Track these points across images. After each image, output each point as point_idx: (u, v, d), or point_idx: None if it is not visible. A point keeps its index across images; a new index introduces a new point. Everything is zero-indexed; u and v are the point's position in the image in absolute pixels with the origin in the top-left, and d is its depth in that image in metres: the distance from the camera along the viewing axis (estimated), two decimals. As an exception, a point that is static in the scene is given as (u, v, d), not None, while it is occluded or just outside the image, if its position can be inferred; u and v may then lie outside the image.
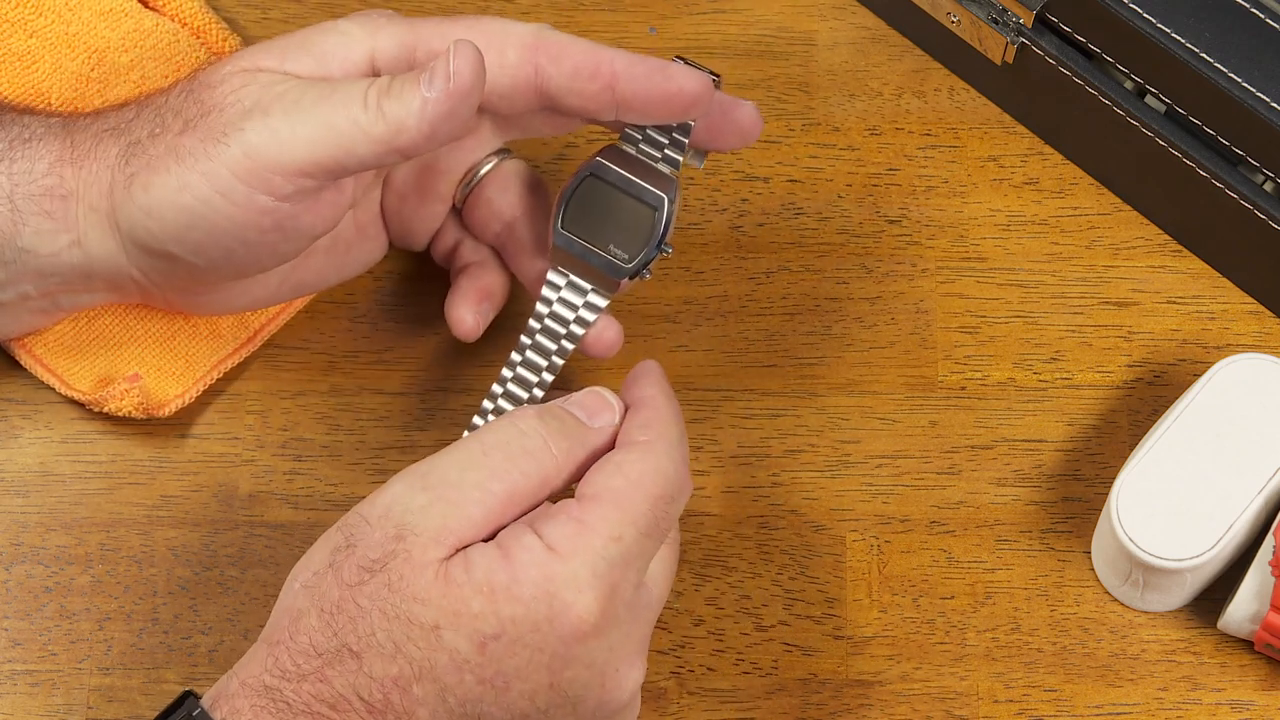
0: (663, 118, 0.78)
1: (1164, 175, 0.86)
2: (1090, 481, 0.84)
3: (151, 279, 0.79)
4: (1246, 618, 0.79)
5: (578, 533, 0.70)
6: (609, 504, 0.71)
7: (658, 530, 0.72)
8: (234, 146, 0.74)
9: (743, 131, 0.79)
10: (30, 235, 0.78)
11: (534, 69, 0.77)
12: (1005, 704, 0.81)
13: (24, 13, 0.89)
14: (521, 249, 0.82)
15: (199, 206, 0.75)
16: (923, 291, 0.87)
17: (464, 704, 0.69)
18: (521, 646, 0.69)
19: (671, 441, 0.73)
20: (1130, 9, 0.82)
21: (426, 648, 0.69)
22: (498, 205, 0.82)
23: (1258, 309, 0.87)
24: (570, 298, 0.78)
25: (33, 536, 0.83)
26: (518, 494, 0.71)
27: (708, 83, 0.77)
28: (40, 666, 0.81)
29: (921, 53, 0.92)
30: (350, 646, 0.69)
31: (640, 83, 0.77)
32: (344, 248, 0.82)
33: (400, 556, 0.70)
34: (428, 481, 0.71)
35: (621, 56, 0.77)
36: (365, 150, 0.74)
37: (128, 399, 0.82)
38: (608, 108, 0.77)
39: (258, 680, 0.70)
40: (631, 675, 0.72)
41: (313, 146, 0.74)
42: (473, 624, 0.69)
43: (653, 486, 0.72)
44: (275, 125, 0.74)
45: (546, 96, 0.78)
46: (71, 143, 0.78)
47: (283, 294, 0.82)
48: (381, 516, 0.71)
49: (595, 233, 0.78)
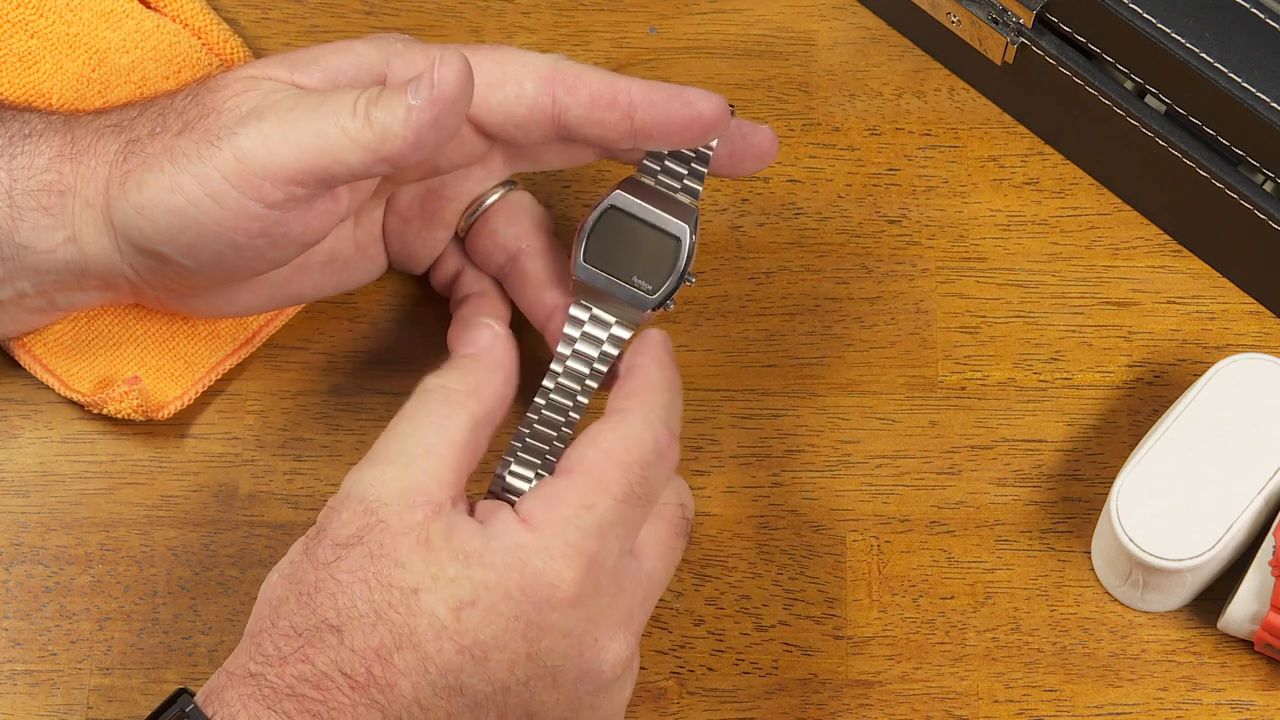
0: (682, 143, 0.78)
1: (1164, 175, 0.86)
2: (1090, 481, 0.84)
3: (144, 278, 0.79)
4: (1246, 618, 0.79)
5: (548, 504, 0.71)
6: (580, 474, 0.72)
7: (636, 497, 0.72)
8: (226, 150, 0.74)
9: (762, 154, 0.80)
10: (28, 231, 0.78)
11: (551, 99, 0.77)
12: (1005, 704, 0.81)
13: (25, 14, 0.89)
14: (526, 282, 0.82)
15: (189, 209, 0.75)
16: (923, 291, 0.87)
17: (445, 674, 0.70)
18: (496, 614, 0.70)
19: (651, 408, 0.74)
20: (1130, 9, 0.82)
21: (406, 612, 0.69)
22: (503, 237, 0.82)
23: (1258, 309, 0.87)
24: (594, 332, 0.78)
25: (33, 536, 0.83)
26: (456, 439, 0.73)
27: (724, 105, 0.77)
28: (40, 666, 0.81)
29: (921, 53, 0.92)
30: (330, 622, 0.70)
31: (659, 109, 0.77)
32: (342, 264, 0.82)
33: (378, 528, 0.71)
34: (371, 459, 0.73)
35: (638, 85, 0.77)
36: (353, 158, 0.74)
37: (127, 401, 0.82)
38: (625, 136, 0.78)
39: (243, 669, 0.70)
40: (612, 647, 0.72)
41: (302, 153, 0.74)
42: (449, 589, 0.70)
43: (624, 454, 0.72)
44: (267, 131, 0.74)
45: (564, 127, 0.78)
46: (72, 139, 0.78)
47: (277, 303, 0.82)
48: (343, 499, 0.72)
49: (618, 265, 0.78)
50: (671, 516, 0.75)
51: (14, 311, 0.81)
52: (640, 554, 0.73)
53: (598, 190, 0.89)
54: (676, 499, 0.75)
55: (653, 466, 0.73)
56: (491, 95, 0.77)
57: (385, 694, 0.69)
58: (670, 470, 0.74)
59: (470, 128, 0.78)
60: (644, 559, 0.73)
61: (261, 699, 0.69)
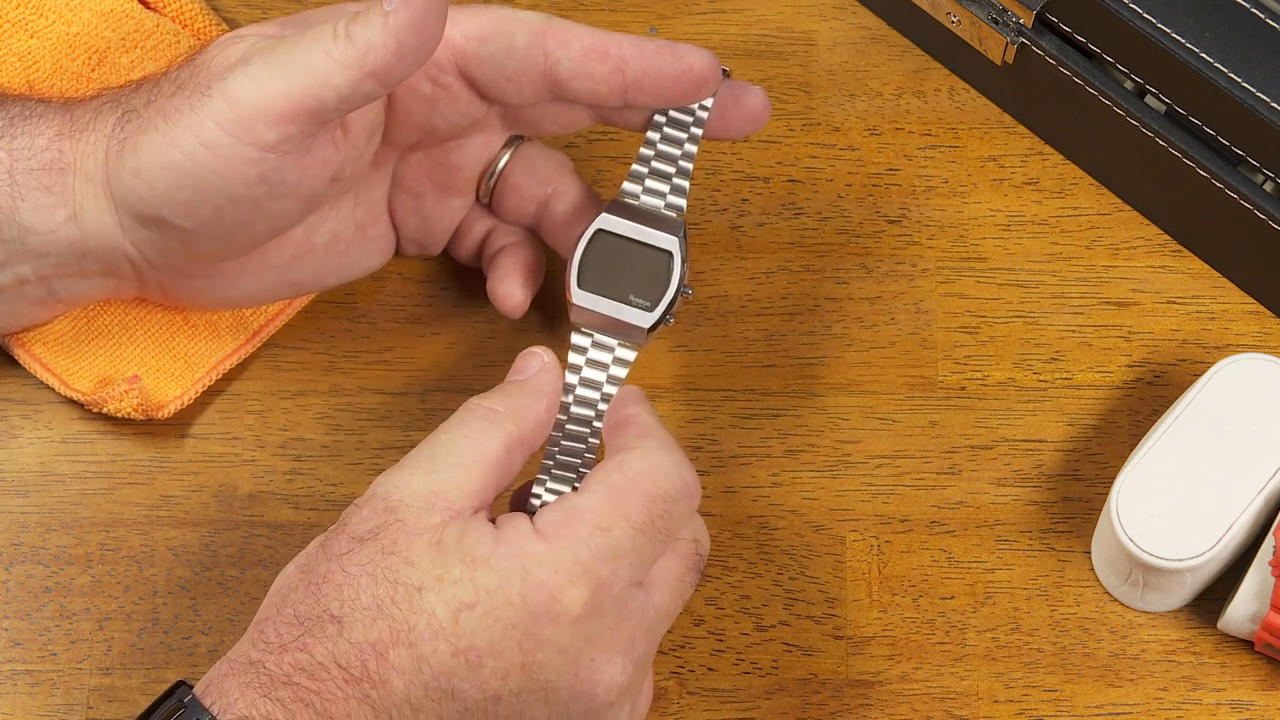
0: (673, 97, 0.78)
1: (1164, 175, 0.86)
2: (1090, 481, 0.84)
3: (146, 256, 0.79)
4: (1246, 618, 0.79)
5: (565, 519, 0.71)
6: (602, 496, 0.72)
7: (656, 530, 0.72)
8: (216, 97, 0.75)
9: (753, 116, 0.80)
10: (28, 211, 0.78)
11: (543, 53, 0.78)
12: (1005, 704, 0.81)
13: (25, 13, 0.89)
14: (560, 223, 0.83)
15: (185, 162, 0.75)
16: (923, 291, 0.87)
17: (438, 676, 0.69)
18: (494, 620, 0.70)
19: (669, 445, 0.74)
20: (1130, 9, 0.82)
21: (407, 609, 0.69)
22: (527, 189, 0.83)
23: (1258, 309, 0.87)
24: (599, 357, 0.78)
25: (33, 536, 0.83)
26: (488, 454, 0.73)
27: (715, 61, 0.78)
28: (40, 666, 0.81)
29: (921, 53, 0.92)
30: (332, 612, 0.70)
31: (650, 61, 0.78)
32: (343, 247, 0.83)
33: (394, 526, 0.71)
34: (402, 464, 0.73)
35: (630, 39, 0.78)
36: (340, 79, 0.74)
37: (127, 400, 0.82)
38: (617, 91, 0.78)
39: (245, 656, 0.70)
40: (608, 670, 0.71)
41: (290, 87, 0.74)
42: (451, 589, 0.70)
43: (650, 485, 0.72)
44: (254, 72, 0.74)
45: (556, 82, 0.78)
46: (71, 119, 0.79)
47: (279, 291, 0.82)
48: (368, 498, 0.72)
49: (613, 287, 0.78)
50: (686, 552, 0.74)
51: (14, 301, 0.81)
52: (650, 586, 0.73)
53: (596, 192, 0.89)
54: (692, 535, 0.75)
55: (677, 503, 0.73)
56: (483, 48, 0.78)
57: (378, 690, 0.69)
58: (692, 509, 0.74)
59: (464, 85, 0.79)
60: (653, 591, 0.73)
61: (259, 687, 0.69)
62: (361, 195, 0.82)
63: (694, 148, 0.79)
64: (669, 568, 0.74)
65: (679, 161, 0.79)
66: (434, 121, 0.80)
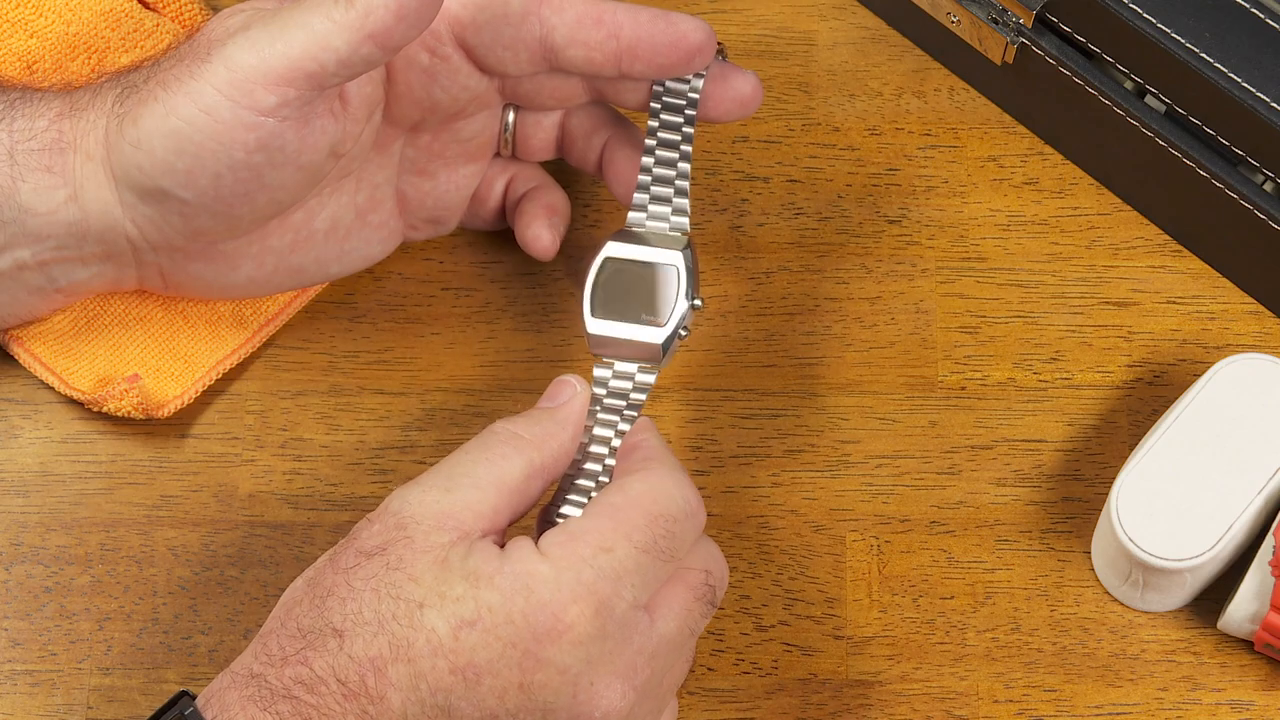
0: (667, 66, 0.78)
1: (1164, 175, 0.86)
2: (1090, 481, 0.84)
3: (146, 234, 0.79)
4: (1246, 618, 0.79)
5: (568, 540, 0.71)
6: (604, 517, 0.71)
7: (659, 550, 0.71)
8: (216, 63, 0.75)
9: (742, 101, 0.80)
10: (29, 192, 0.78)
11: (538, 20, 0.78)
12: (1005, 704, 0.81)
13: (25, 13, 0.89)
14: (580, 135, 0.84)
15: (184, 128, 0.75)
16: (923, 291, 0.87)
17: (435, 694, 0.69)
18: (494, 639, 0.69)
19: (672, 468, 0.74)
20: (1130, 9, 0.82)
21: (408, 624, 0.69)
22: (547, 118, 0.84)
23: (1258, 309, 0.87)
24: (619, 385, 0.78)
25: (33, 536, 0.83)
26: (506, 480, 0.73)
27: (710, 32, 0.78)
28: (40, 666, 0.81)
29: (921, 53, 0.92)
30: (334, 625, 0.70)
31: (644, 28, 0.78)
32: (344, 233, 0.83)
33: (402, 542, 0.71)
34: (418, 481, 0.73)
35: (624, 7, 0.78)
36: (339, 41, 0.74)
37: (127, 399, 0.82)
38: (612, 59, 0.78)
39: (247, 669, 0.70)
40: (608, 694, 0.70)
41: (290, 49, 0.74)
42: (453, 606, 0.69)
43: (652, 505, 0.72)
44: (254, 36, 0.75)
45: (551, 50, 0.79)
46: (71, 100, 0.79)
47: (280, 278, 0.82)
48: (380, 513, 0.72)
49: (626, 311, 0.78)
50: (693, 581, 0.73)
51: (12, 289, 0.80)
52: (655, 612, 0.72)
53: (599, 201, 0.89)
54: (703, 564, 0.74)
55: (680, 523, 0.72)
56: (480, 15, 0.78)
57: (375, 705, 0.69)
58: (697, 531, 0.73)
59: (462, 56, 0.79)
60: (658, 618, 0.72)
61: (259, 700, 0.69)
62: (363, 180, 0.82)
63: (687, 165, 0.80)
64: (675, 595, 0.73)
65: (675, 181, 0.80)
66: (434, 95, 0.80)
